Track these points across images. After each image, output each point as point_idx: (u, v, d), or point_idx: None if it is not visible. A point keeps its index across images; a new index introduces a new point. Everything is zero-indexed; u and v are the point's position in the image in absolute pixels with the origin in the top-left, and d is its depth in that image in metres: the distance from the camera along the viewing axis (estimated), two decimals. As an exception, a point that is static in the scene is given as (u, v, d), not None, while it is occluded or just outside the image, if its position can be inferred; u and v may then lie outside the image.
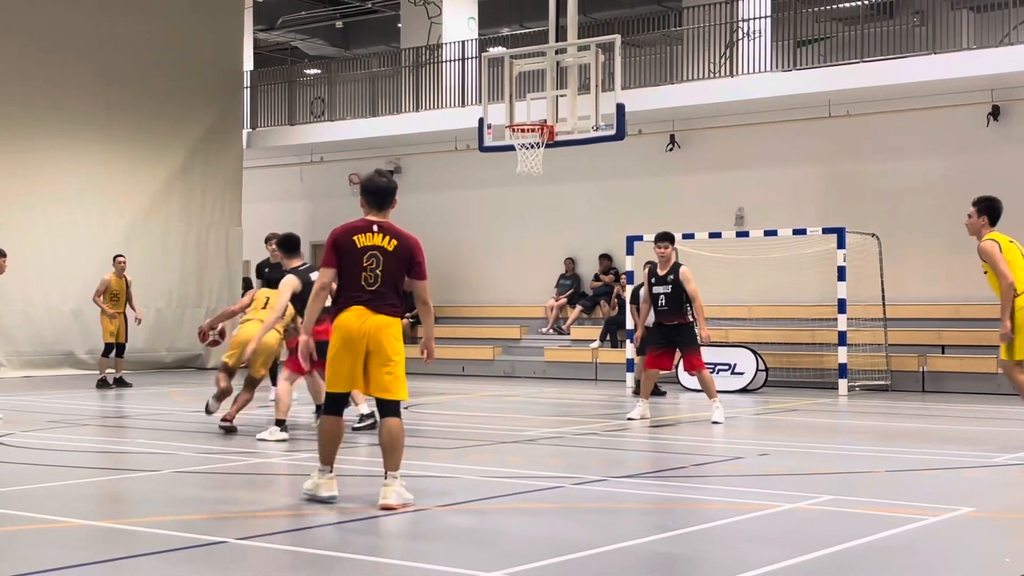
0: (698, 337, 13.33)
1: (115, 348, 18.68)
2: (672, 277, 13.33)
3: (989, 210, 10.88)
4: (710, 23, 21.74)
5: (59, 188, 22.32)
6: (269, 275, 14.24)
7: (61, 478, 9.19)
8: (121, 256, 19.09)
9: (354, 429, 11.73)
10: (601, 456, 10.63)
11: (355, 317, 7.58)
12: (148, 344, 23.38)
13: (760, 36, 21.02)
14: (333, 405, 7.77)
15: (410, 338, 24.22)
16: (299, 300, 10.80)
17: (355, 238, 7.76)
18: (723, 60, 21.44)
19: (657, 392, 16.88)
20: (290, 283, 11.09)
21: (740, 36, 21.22)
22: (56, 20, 22.29)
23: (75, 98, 22.53)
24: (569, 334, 22.61)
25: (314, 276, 9.93)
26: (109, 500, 8.16)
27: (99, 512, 7.48)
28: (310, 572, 5.93)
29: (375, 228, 7.81)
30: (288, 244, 11.60)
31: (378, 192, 8.01)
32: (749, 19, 21.16)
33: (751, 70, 20.87)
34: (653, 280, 13.49)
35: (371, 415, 12.94)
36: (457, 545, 6.68)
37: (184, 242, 24.26)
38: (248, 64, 27.52)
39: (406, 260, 7.77)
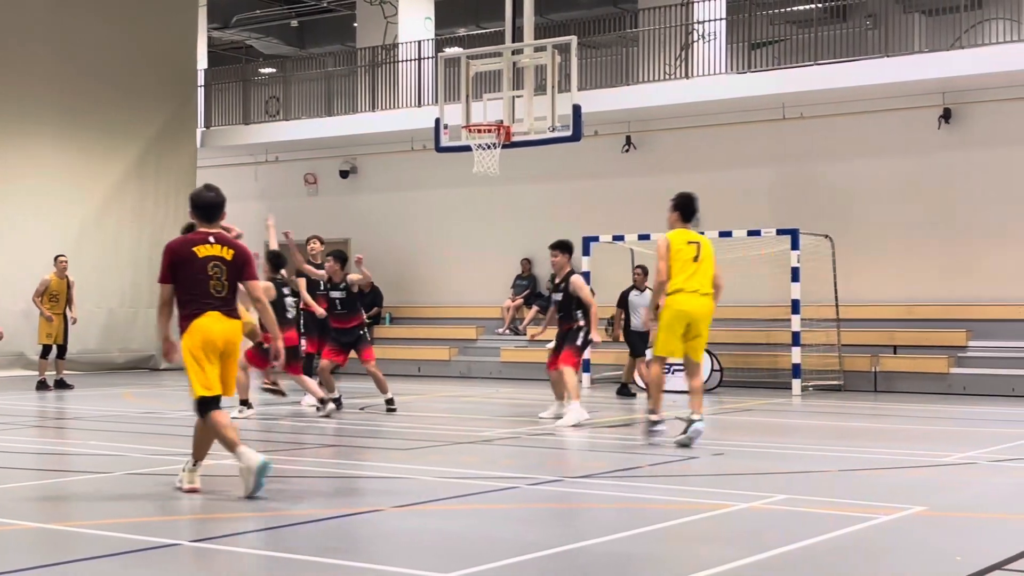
0: (581, 339, 13.34)
1: (55, 349, 18.28)
2: (563, 285, 13.46)
3: (679, 207, 11.65)
4: (666, 25, 21.83)
5: (10, 187, 22.05)
6: (552, 293, 14.63)
7: (9, 480, 9.07)
8: (63, 256, 18.64)
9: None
10: (557, 456, 10.64)
11: (214, 322, 8.05)
12: (100, 345, 23.15)
13: (715, 38, 21.13)
14: (209, 406, 8.16)
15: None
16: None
17: (194, 249, 8.16)
18: (678, 62, 21.54)
19: (626, 393, 17.32)
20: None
21: (695, 38, 21.32)
22: (7, 16, 22.02)
23: (27, 96, 22.26)
24: (525, 335, 22.62)
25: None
26: (60, 502, 8.07)
27: (49, 515, 7.40)
28: (265, 573, 5.89)
29: (211, 240, 8.20)
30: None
31: (207, 206, 8.37)
32: (704, 21, 21.27)
33: (706, 72, 20.98)
34: (551, 286, 14.08)
35: (335, 400, 13.18)
36: (413, 546, 6.66)
37: (137, 241, 24.03)
38: (202, 63, 27.30)
39: (241, 267, 8.26)
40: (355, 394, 16.06)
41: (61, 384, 18.22)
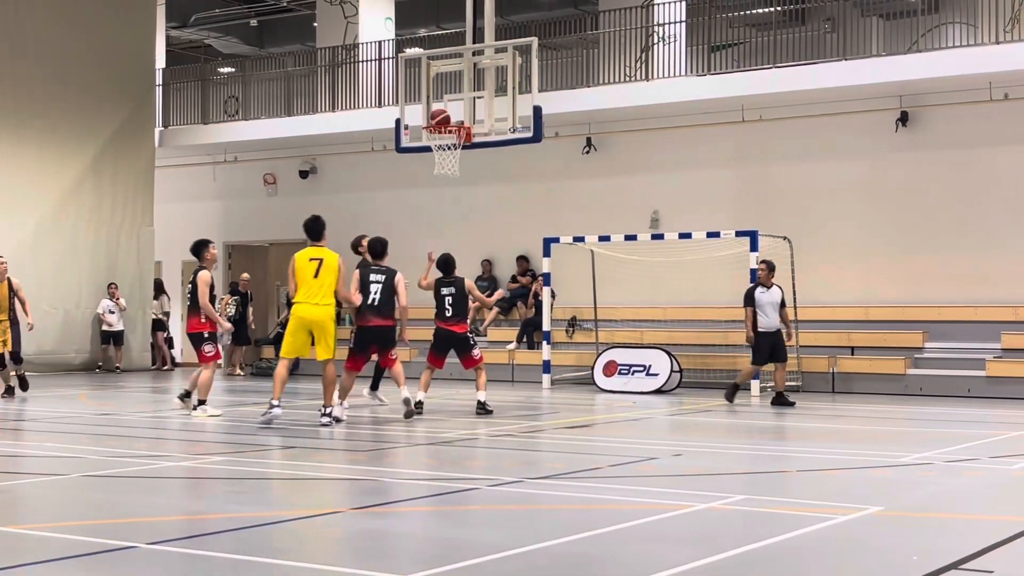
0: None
1: (8, 357, 16.79)
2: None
3: (305, 230, 13.03)
4: (626, 27, 21.90)
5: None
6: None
7: (-35, 483, 8.96)
8: (2, 258, 17.12)
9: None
10: (517, 457, 10.64)
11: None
12: (57, 346, 22.93)
13: (675, 41, 21.21)
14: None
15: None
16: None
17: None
18: (639, 64, 21.61)
19: (784, 403, 15.86)
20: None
21: (655, 40, 21.40)
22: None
23: (-20, 94, 22.02)
24: (486, 336, 22.61)
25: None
26: (13, 504, 7.98)
27: (7, 517, 7.31)
28: (223, 577, 5.86)
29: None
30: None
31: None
32: (664, 24, 21.34)
33: (666, 74, 21.06)
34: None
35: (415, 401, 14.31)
36: (371, 548, 6.64)
37: (95, 242, 23.82)
38: (160, 62, 27.10)
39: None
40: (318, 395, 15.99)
41: (23, 381, 17.43)
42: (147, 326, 24.97)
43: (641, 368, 18.86)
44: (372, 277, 13.49)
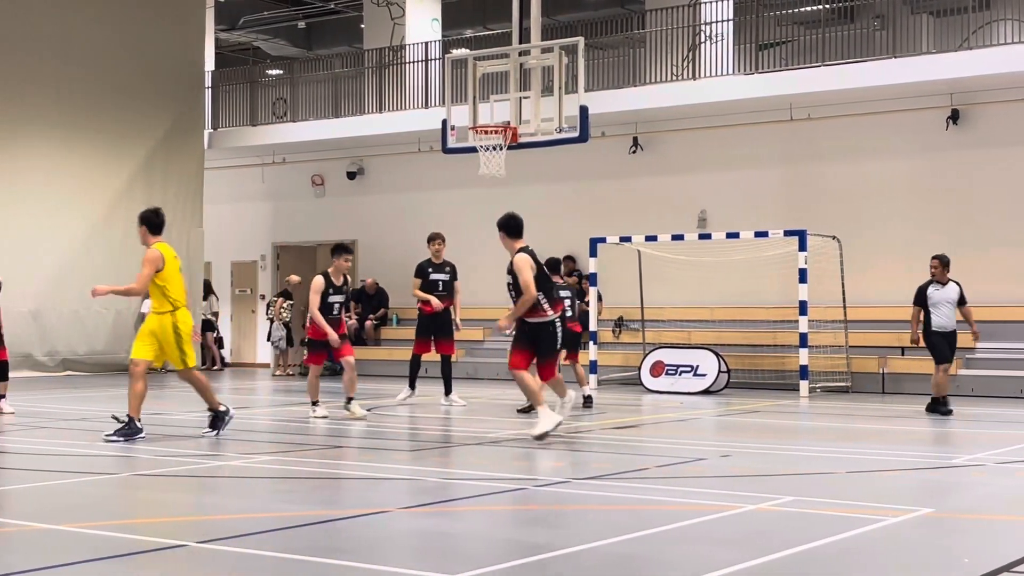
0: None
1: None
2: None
3: (145, 220, 12.12)
4: (673, 26, 21.82)
5: (19, 189, 22.09)
6: (431, 274, 15.85)
7: (19, 481, 9.08)
8: None
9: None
10: (564, 458, 10.63)
11: None
12: (108, 346, 23.21)
13: (722, 39, 21.11)
14: None
15: (373, 340, 24.17)
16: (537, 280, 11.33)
17: None
18: (685, 63, 21.52)
19: (940, 410, 14.98)
20: (524, 261, 11.31)
21: (702, 39, 21.30)
22: (15, 18, 22.07)
23: (35, 100, 22.32)
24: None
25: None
26: (66, 503, 8.08)
27: (57, 516, 7.40)
28: (270, 574, 5.89)
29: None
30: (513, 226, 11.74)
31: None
32: (711, 22, 21.25)
33: (713, 73, 20.96)
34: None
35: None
36: (419, 547, 6.66)
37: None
38: (210, 64, 27.35)
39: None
40: (366, 395, 16.06)
41: None
42: (197, 327, 25.16)
43: (688, 368, 18.78)
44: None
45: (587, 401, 15.25)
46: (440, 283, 15.85)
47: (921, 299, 15.07)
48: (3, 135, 21.93)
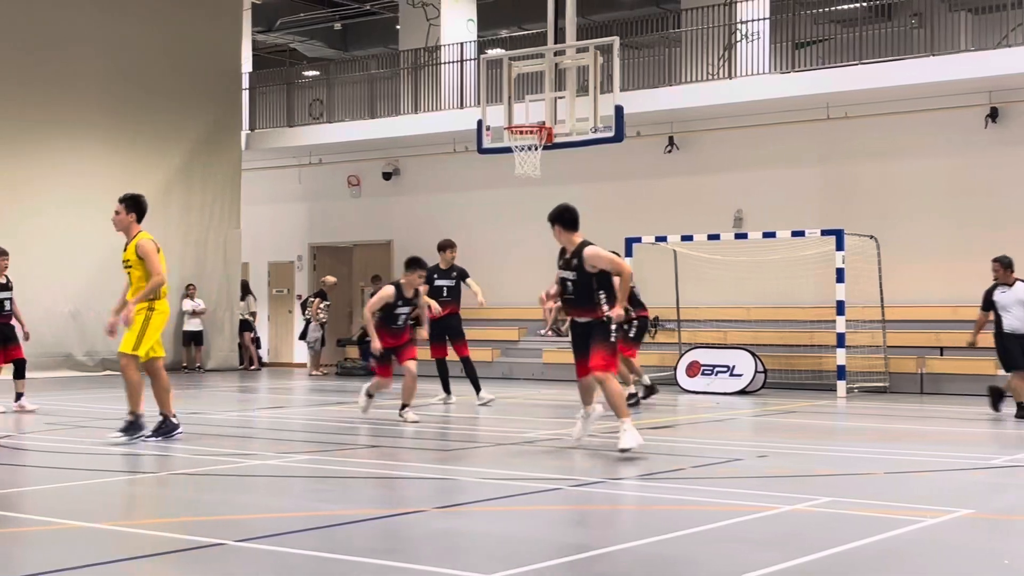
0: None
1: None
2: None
3: (135, 207, 11.83)
4: (709, 25, 21.75)
5: (59, 190, 22.32)
6: (436, 280, 15.83)
7: (59, 480, 9.18)
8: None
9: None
10: (599, 458, 10.61)
11: None
12: (147, 346, 23.37)
13: (758, 38, 21.03)
14: None
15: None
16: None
17: None
18: (721, 62, 21.45)
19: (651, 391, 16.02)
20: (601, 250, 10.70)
21: (739, 38, 21.22)
22: (55, 22, 22.29)
23: (74, 100, 22.54)
24: (568, 336, 22.58)
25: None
26: (106, 501, 8.15)
27: (97, 514, 7.47)
28: (309, 574, 5.93)
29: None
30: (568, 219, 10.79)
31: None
32: (748, 21, 21.16)
33: (750, 72, 20.88)
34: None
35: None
36: (453, 547, 6.67)
37: (183, 244, 24.27)
38: (247, 66, 27.51)
39: None
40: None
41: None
42: (234, 327, 25.36)
43: (725, 369, 18.72)
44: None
45: (649, 391, 15.74)
46: (444, 288, 15.88)
47: (988, 303, 14.49)
48: (47, 136, 22.15)
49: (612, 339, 10.29)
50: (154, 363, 11.23)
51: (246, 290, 26.16)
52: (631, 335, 15.30)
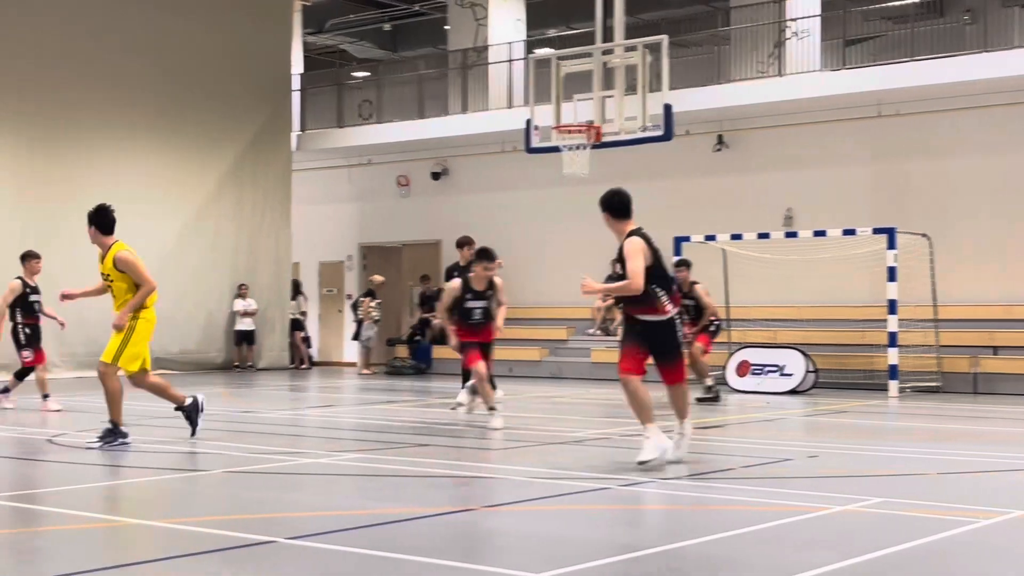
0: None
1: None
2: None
3: (96, 220, 11.45)
4: (758, 22, 21.62)
5: (112, 190, 22.50)
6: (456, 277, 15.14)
7: (114, 478, 9.30)
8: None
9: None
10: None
11: None
12: (200, 345, 23.63)
13: (809, 35, 20.88)
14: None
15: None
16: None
17: None
18: (771, 60, 21.32)
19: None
20: (637, 246, 9.53)
21: (788, 35, 21.08)
22: (109, 25, 22.56)
23: (127, 103, 22.80)
24: (616, 335, 22.56)
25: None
26: (161, 500, 8.25)
27: (151, 511, 7.57)
28: (358, 571, 5.97)
29: None
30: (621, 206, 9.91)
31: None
32: (798, 18, 21.02)
33: (799, 69, 20.73)
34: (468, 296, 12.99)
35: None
36: (503, 545, 6.69)
37: (235, 244, 24.49)
38: (298, 67, 27.71)
39: None
40: (451, 394, 16.17)
41: None
42: (285, 326, 25.56)
43: (775, 368, 18.60)
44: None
45: (710, 391, 15.94)
46: None
47: None
48: (100, 138, 22.42)
49: (681, 341, 9.43)
50: (142, 375, 11.04)
51: (297, 290, 26.35)
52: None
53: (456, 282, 12.83)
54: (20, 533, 7.01)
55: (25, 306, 14.71)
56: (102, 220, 11.43)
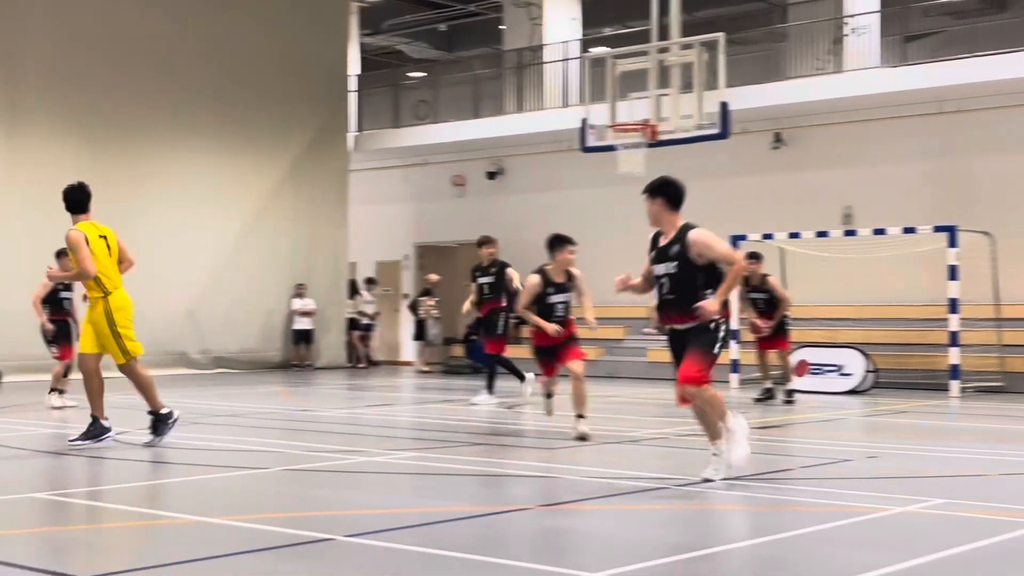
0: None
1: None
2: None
3: (65, 199, 10.59)
4: (816, 19, 21.44)
5: (173, 192, 22.87)
6: (477, 277, 15.98)
7: (173, 475, 9.41)
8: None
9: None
10: (705, 457, 10.53)
11: None
12: (260, 344, 23.86)
13: (868, 32, 20.66)
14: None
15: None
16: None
17: None
18: (829, 56, 21.12)
19: None
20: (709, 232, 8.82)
21: (847, 32, 20.87)
22: (167, 29, 22.83)
23: (186, 105, 23.05)
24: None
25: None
26: (218, 496, 8.33)
27: (210, 509, 7.65)
28: (415, 569, 5.99)
29: None
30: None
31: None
32: (856, 14, 20.81)
33: (858, 66, 20.52)
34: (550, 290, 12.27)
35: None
36: (559, 544, 6.68)
37: (293, 244, 24.70)
38: (354, 68, 27.88)
39: None
40: (507, 393, 16.19)
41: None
42: (342, 325, 25.73)
43: (834, 368, 18.43)
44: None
45: (789, 396, 15.85)
46: (485, 286, 15.91)
47: None
48: (161, 140, 22.70)
49: (716, 349, 8.37)
50: (87, 363, 10.73)
51: (355, 289, 26.52)
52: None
53: (535, 277, 11.94)
54: (84, 530, 7.11)
55: (54, 303, 14.88)
56: (68, 198, 10.65)
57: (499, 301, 15.67)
